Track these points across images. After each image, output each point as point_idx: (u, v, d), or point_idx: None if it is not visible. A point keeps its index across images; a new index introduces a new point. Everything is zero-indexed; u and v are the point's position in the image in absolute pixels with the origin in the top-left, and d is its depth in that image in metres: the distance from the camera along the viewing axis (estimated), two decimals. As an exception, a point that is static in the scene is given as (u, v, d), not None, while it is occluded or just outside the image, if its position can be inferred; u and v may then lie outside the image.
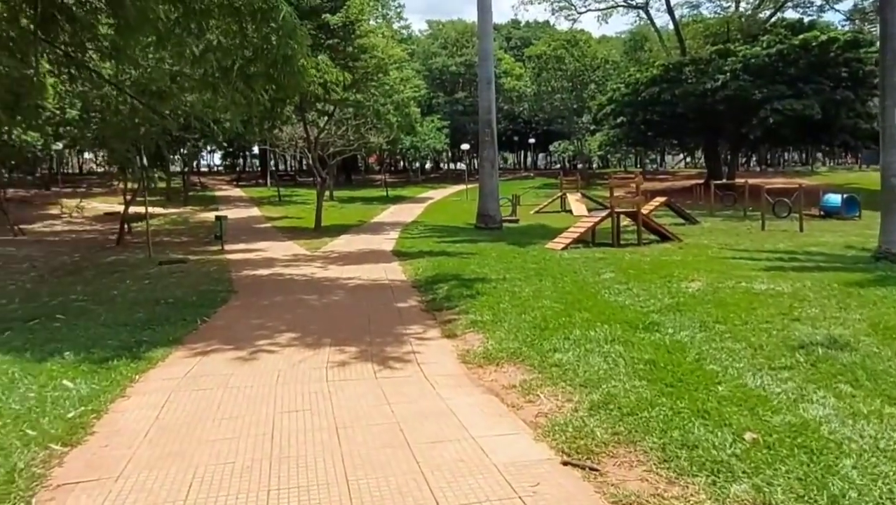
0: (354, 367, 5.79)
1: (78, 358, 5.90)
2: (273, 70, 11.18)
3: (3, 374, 5.46)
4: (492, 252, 14.16)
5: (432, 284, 10.10)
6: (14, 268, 12.96)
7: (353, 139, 33.01)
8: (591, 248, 15.22)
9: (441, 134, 44.56)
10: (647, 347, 5.82)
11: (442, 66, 50.92)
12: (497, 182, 21.71)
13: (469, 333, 6.96)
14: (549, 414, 4.44)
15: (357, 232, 21.57)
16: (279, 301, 9.29)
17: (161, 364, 5.93)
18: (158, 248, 16.52)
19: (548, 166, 71.35)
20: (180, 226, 24.04)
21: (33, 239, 19.19)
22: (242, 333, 7.22)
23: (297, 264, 13.53)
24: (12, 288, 10.79)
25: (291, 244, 18.04)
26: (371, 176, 58.62)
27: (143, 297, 9.25)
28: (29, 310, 8.53)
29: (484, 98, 21.50)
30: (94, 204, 27.63)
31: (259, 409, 4.67)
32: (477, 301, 8.43)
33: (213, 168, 67.48)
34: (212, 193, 40.80)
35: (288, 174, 57.18)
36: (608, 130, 38.46)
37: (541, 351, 5.87)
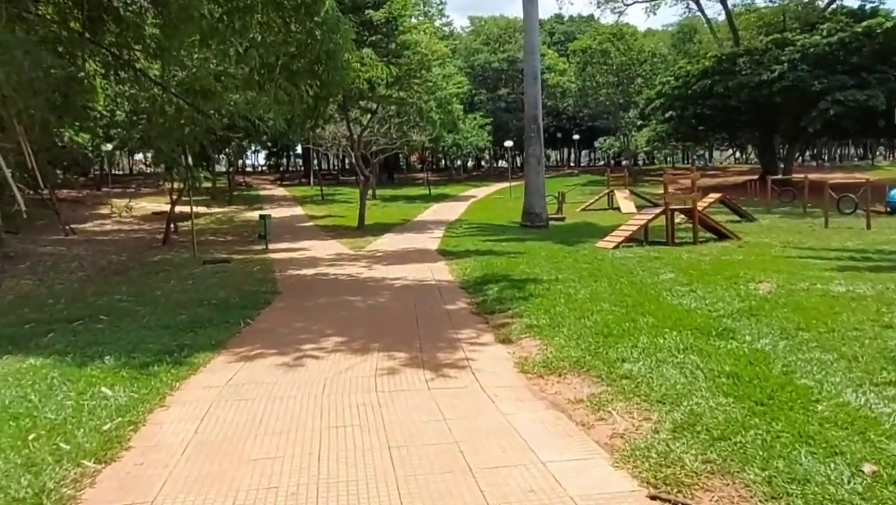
0: (405, 375, 5.39)
1: (118, 363, 5.67)
2: (317, 66, 10.93)
3: (43, 379, 5.26)
4: (540, 251, 13.63)
5: (481, 285, 9.65)
6: (63, 267, 13.07)
7: (395, 137, 32.81)
8: (645, 246, 14.52)
9: (483, 131, 43.99)
10: (726, 358, 5.25)
11: (484, 62, 50.33)
12: (543, 179, 21.11)
13: (525, 339, 6.49)
14: (625, 435, 3.94)
15: (400, 231, 21.28)
16: (323, 302, 8.99)
17: (203, 370, 5.65)
18: (203, 247, 16.54)
19: (592, 163, 70.03)
20: (225, 225, 24.21)
21: (84, 238, 19.52)
22: (286, 336, 6.91)
23: (341, 264, 13.27)
24: (60, 287, 10.81)
25: (335, 243, 17.85)
26: (413, 174, 58.51)
27: (187, 297, 9.08)
28: (74, 310, 8.44)
29: (530, 93, 20.92)
30: (142, 204, 28.14)
31: (304, 423, 4.31)
32: (530, 304, 7.94)
33: (258, 168, 68.53)
34: (256, 193, 41.25)
35: (331, 173, 57.57)
36: (656, 125, 37.27)
37: (607, 360, 5.36)
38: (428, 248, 15.77)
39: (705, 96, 31.17)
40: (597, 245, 14.60)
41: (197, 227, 23.57)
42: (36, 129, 10.85)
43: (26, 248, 15.27)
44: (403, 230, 21.43)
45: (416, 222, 24.65)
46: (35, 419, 4.37)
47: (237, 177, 48.01)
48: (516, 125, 49.93)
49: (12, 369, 5.64)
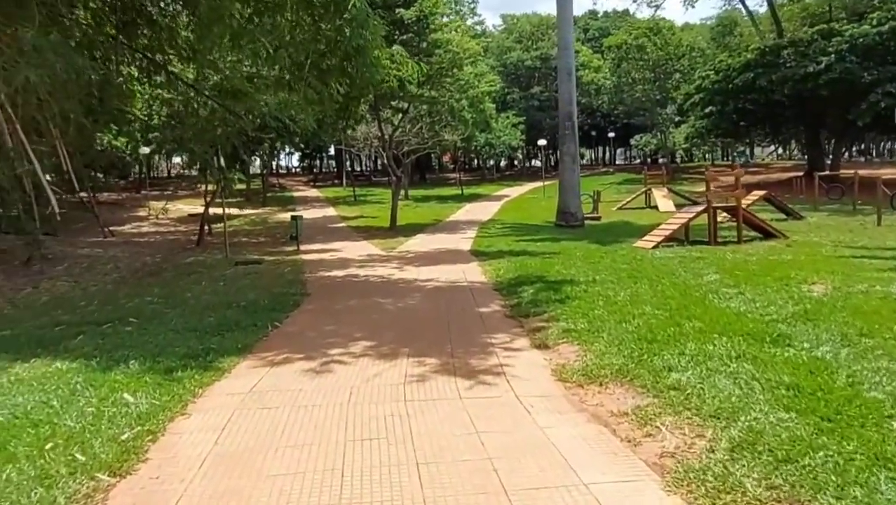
0: (436, 383, 5.10)
1: (143, 367, 5.53)
2: (346, 63, 10.74)
3: (66, 384, 5.14)
4: (576, 251, 13.21)
5: (515, 287, 9.32)
6: (99, 269, 13.19)
7: (427, 137, 32.67)
8: (686, 246, 13.97)
9: (516, 130, 43.51)
10: (783, 367, 4.83)
11: (517, 60, 49.81)
12: (578, 178, 20.64)
13: (562, 344, 6.15)
14: (676, 454, 3.59)
15: (433, 231, 21.05)
16: (353, 305, 8.78)
17: (227, 376, 5.47)
18: (236, 248, 16.57)
19: (627, 161, 68.80)
20: (258, 226, 24.34)
21: (122, 240, 19.80)
22: (314, 340, 6.71)
23: (372, 265, 13.08)
24: (94, 289, 10.86)
25: (366, 244, 17.71)
26: (445, 174, 58.29)
27: (217, 299, 8.97)
28: (105, 312, 8.41)
29: (564, 90, 20.47)
30: (179, 206, 28.55)
31: (329, 435, 4.06)
32: (567, 306, 7.58)
33: (291, 169, 69.29)
34: (289, 194, 41.59)
35: (363, 174, 57.80)
36: (695, 121, 36.22)
37: (652, 369, 4.99)
38: (460, 249, 15.49)
39: (747, 90, 30.09)
40: (635, 245, 14.12)
41: (231, 229, 23.79)
42: (71, 131, 10.94)
43: (64, 250, 15.51)
44: (435, 231, 21.20)
45: (448, 223, 24.40)
46: (54, 427, 4.23)
47: (271, 178, 48.53)
48: (550, 123, 49.34)
49: (38, 373, 5.54)
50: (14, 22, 8.69)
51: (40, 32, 8.46)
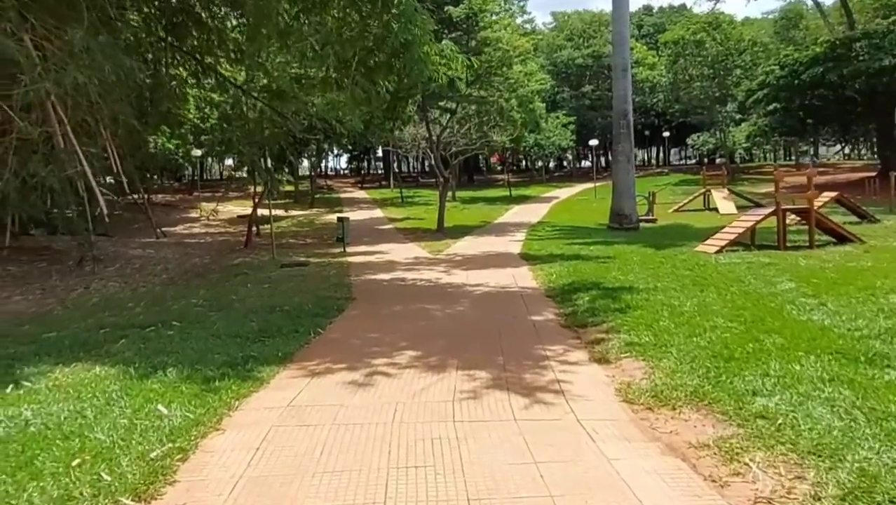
0: (488, 401, 4.67)
1: (181, 376, 5.29)
2: (394, 60, 10.44)
3: (103, 392, 4.93)
4: (633, 256, 12.55)
5: (570, 294, 8.79)
6: (149, 270, 13.28)
7: (475, 138, 32.20)
8: (753, 251, 13.11)
9: (567, 130, 42.60)
10: (887, 393, 4.21)
11: (567, 59, 48.81)
12: (633, 178, 19.82)
13: (626, 359, 5.62)
14: (774, 500, 3.05)
15: (480, 233, 20.60)
16: (399, 311, 8.43)
17: (266, 386, 5.17)
18: (283, 249, 16.52)
19: (682, 162, 66.70)
20: (306, 227, 24.40)
21: (173, 241, 20.10)
22: (358, 348, 6.37)
23: (418, 268, 12.74)
24: (143, 290, 10.86)
25: (413, 246, 17.41)
26: (493, 176, 57.76)
27: (260, 303, 8.76)
28: (150, 315, 8.30)
29: (619, 87, 19.71)
30: (229, 207, 28.93)
31: (370, 459, 3.68)
32: (629, 316, 7.03)
33: (339, 171, 70.03)
34: (337, 195, 41.85)
35: (410, 175, 57.81)
36: (757, 119, 34.59)
37: (733, 392, 4.43)
38: (510, 252, 14.99)
39: (815, 86, 28.43)
40: (696, 249, 13.34)
41: (278, 230, 23.92)
42: (121, 133, 11.02)
43: (118, 251, 15.76)
44: (484, 233, 20.75)
45: (496, 225, 23.91)
46: (84, 440, 4.00)
47: (319, 180, 49.05)
48: (601, 123, 48.22)
49: (77, 379, 5.38)
50: (65, 24, 8.72)
51: (89, 34, 8.44)
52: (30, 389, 5.15)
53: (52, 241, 14.60)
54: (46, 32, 8.86)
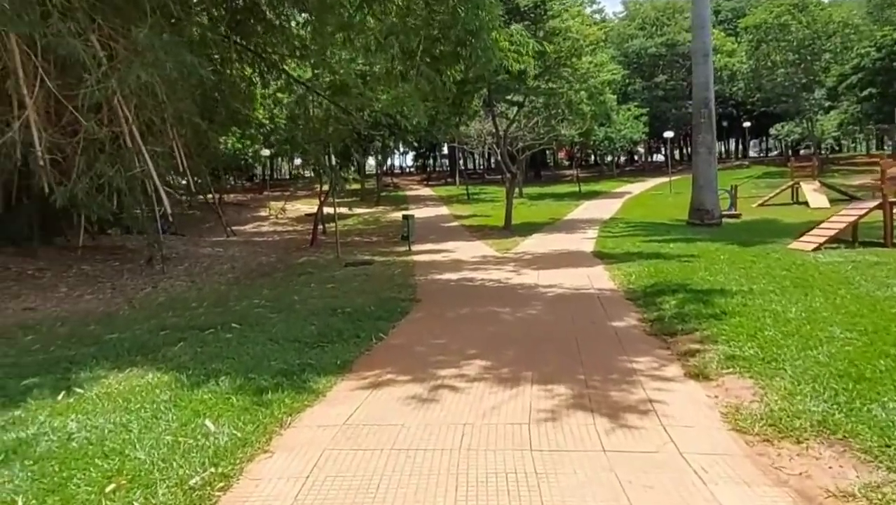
0: (569, 424, 4.04)
1: (234, 385, 4.93)
2: (461, 48, 9.90)
3: (152, 403, 4.63)
4: (719, 254, 11.53)
5: (653, 297, 7.99)
6: (216, 268, 13.30)
7: (542, 132, 31.30)
8: (856, 248, 11.83)
9: (639, 123, 40.87)
10: None
11: (639, 48, 46.87)
12: (715, 171, 18.55)
13: (729, 376, 4.85)
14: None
15: (550, 230, 19.79)
16: (467, 314, 7.87)
17: (322, 400, 4.72)
18: (348, 248, 16.32)
19: (763, 154, 63.10)
20: (371, 225, 24.27)
21: (242, 240, 20.34)
22: (422, 357, 5.86)
23: (486, 268, 12.15)
24: (208, 290, 10.78)
25: (480, 244, 16.83)
26: (561, 171, 56.42)
27: (322, 304, 8.41)
28: (211, 316, 8.09)
29: (699, 74, 18.46)
30: (297, 206, 29.26)
31: (434, 497, 3.14)
32: (725, 324, 6.21)
33: (405, 169, 70.29)
34: (403, 193, 41.80)
35: (476, 172, 57.28)
36: (849, 106, 31.97)
37: (874, 422, 3.63)
38: (582, 250, 14.18)
39: (917, 68, 25.99)
40: (791, 246, 12.18)
41: (344, 228, 23.88)
42: (186, 132, 11.01)
43: (188, 250, 15.97)
44: (553, 230, 19.93)
45: (566, 221, 23.00)
46: (124, 460, 3.66)
47: (385, 178, 49.21)
48: (675, 115, 46.13)
49: (128, 387, 5.11)
50: (130, 24, 8.65)
51: (153, 33, 8.32)
52: (81, 397, 4.92)
53: (127, 240, 14.92)
54: (113, 32, 8.85)
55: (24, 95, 8.15)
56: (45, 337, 7.56)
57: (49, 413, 4.61)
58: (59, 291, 10.02)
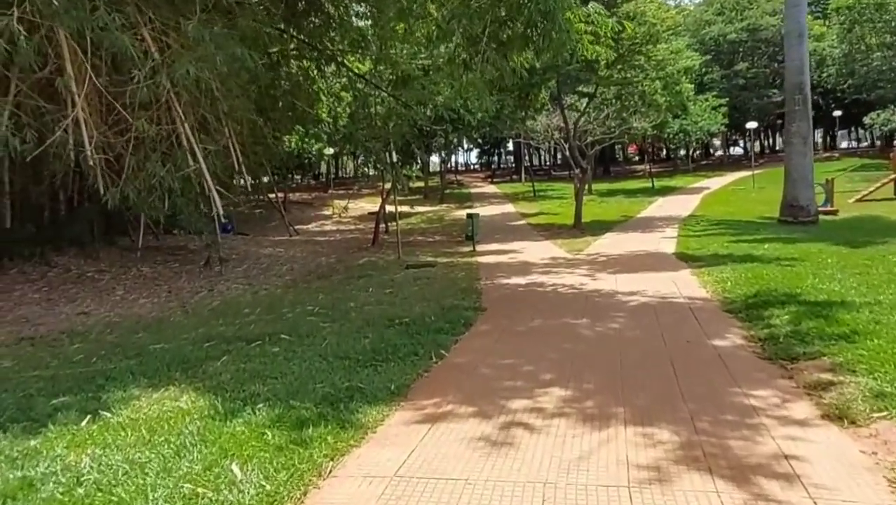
0: (683, 492, 3.11)
1: (271, 415, 4.26)
2: (531, 31, 8.98)
3: (178, 435, 4.02)
4: (824, 257, 10.15)
5: (758, 309, 6.86)
6: (275, 270, 12.91)
7: (613, 126, 29.82)
8: None
9: (717, 114, 38.46)
10: None
11: (717, 35, 44.16)
12: (811, 162, 16.82)
13: (883, 422, 3.79)
14: None
15: (623, 229, 18.53)
16: (539, 326, 6.98)
17: (369, 439, 3.97)
18: (410, 248, 15.67)
19: (855, 145, 58.64)
20: (435, 224, 23.59)
21: (304, 239, 20.08)
22: (489, 382, 5.03)
23: (557, 271, 11.17)
24: (263, 293, 10.32)
25: (549, 244, 15.82)
26: (631, 167, 54.22)
27: (379, 312, 7.72)
28: (262, 324, 7.54)
29: (793, 56, 16.77)
30: (360, 204, 28.98)
31: None
32: (860, 347, 5.07)
33: (470, 166, 69.60)
34: (467, 191, 41.01)
35: (542, 168, 55.90)
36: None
37: None
38: (662, 252, 12.96)
39: None
40: (912, 248, 10.62)
41: (407, 227, 23.33)
42: (243, 130, 10.62)
43: (249, 250, 15.74)
44: (627, 228, 18.65)
45: (640, 219, 21.60)
46: (131, 516, 3.01)
47: (449, 175, 48.63)
48: (757, 105, 43.34)
49: (158, 413, 4.54)
50: (181, 16, 8.22)
51: (203, 25, 7.86)
52: (105, 424, 4.37)
53: (190, 241, 14.80)
54: (163, 26, 8.45)
55: (74, 93, 7.85)
56: (91, 345, 7.20)
57: (67, 443, 4.07)
58: (115, 295, 9.79)
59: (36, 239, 10.81)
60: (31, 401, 5.11)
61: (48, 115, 8.02)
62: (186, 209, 8.88)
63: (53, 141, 7.69)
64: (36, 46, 7.64)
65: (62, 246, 11.48)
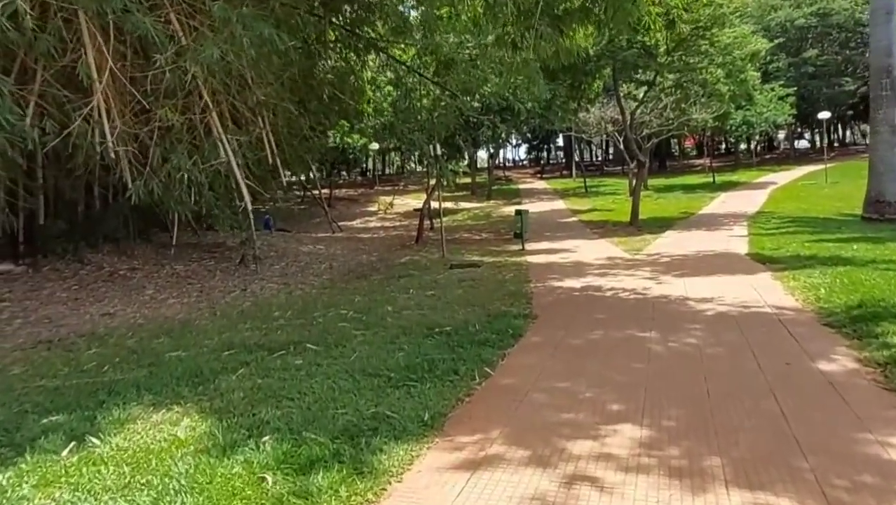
0: None
1: (277, 452, 3.50)
2: (593, 4, 8.02)
3: (163, 475, 3.34)
4: (930, 259, 8.80)
5: (866, 323, 5.72)
6: (313, 269, 12.29)
7: (672, 118, 28.25)
8: None
9: (784, 104, 36.12)
10: None
11: (784, 20, 41.55)
12: (901, 153, 15.12)
13: None
14: None
15: (685, 227, 17.21)
16: (599, 340, 6.03)
17: (392, 492, 3.15)
18: (455, 246, 14.85)
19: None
20: (482, 220, 22.70)
21: (346, 236, 19.52)
22: (543, 412, 4.14)
23: (615, 273, 10.12)
24: (298, 294, 9.67)
25: (605, 243, 14.71)
26: (689, 161, 51.92)
27: (417, 318, 6.92)
28: (290, 330, 6.85)
29: (879, 36, 15.13)
30: (406, 200, 28.36)
31: None
32: None
33: (518, 162, 68.40)
34: (515, 187, 39.92)
35: (594, 164, 54.21)
36: None
37: None
38: (733, 252, 11.72)
39: None
40: None
41: (454, 224, 22.51)
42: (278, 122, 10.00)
43: (288, 248, 15.21)
44: (689, 226, 17.32)
45: (703, 216, 20.16)
46: None
47: (497, 171, 47.61)
48: (826, 94, 40.66)
49: (148, 442, 3.86)
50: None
51: (229, 4, 7.21)
52: (87, 455, 3.72)
53: (229, 237, 14.34)
54: (189, 7, 7.87)
55: (94, 80, 7.34)
56: (108, 350, 6.64)
57: (38, 481, 3.43)
58: (144, 294, 9.31)
59: (69, 235, 10.47)
60: (22, 419, 4.53)
61: (69, 104, 7.54)
62: (216, 205, 8.29)
63: (72, 131, 7.20)
64: (56, 31, 7.19)
65: (96, 242, 11.13)
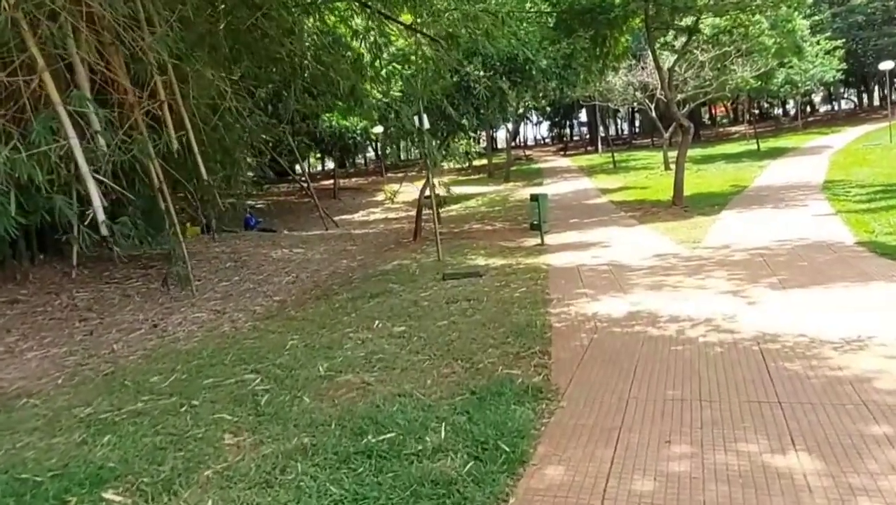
0: None
1: None
2: None
3: None
4: None
5: None
6: (269, 286, 9.47)
7: (710, 78, 24.80)
8: None
9: (833, 58, 32.14)
10: None
11: (827, -35, 37.37)
12: None
13: None
14: None
15: (743, 204, 13.97)
16: (687, 474, 3.08)
17: None
18: (459, 242, 11.95)
19: None
20: (497, 207, 19.67)
21: (339, 234, 16.73)
22: None
23: (675, 283, 7.05)
24: (223, 331, 6.88)
25: (646, 231, 11.62)
26: (725, 129, 47.91)
27: (350, 399, 4.07)
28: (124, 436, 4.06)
29: None
30: (418, 187, 25.45)
31: None
32: None
33: (540, 140, 65.07)
34: (537, 166, 36.66)
35: (620, 138, 50.56)
36: None
37: None
38: (833, 239, 8.58)
39: None
40: None
41: (465, 211, 19.56)
42: (190, 94, 7.17)
43: (256, 253, 12.38)
44: (748, 203, 14.08)
45: (759, 189, 16.84)
46: None
47: (517, 150, 44.45)
48: (879, 45, 36.39)
49: None
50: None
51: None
52: None
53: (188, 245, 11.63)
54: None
55: None
56: None
57: None
58: (2, 342, 6.64)
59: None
60: None
61: None
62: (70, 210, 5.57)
63: None
64: None
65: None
